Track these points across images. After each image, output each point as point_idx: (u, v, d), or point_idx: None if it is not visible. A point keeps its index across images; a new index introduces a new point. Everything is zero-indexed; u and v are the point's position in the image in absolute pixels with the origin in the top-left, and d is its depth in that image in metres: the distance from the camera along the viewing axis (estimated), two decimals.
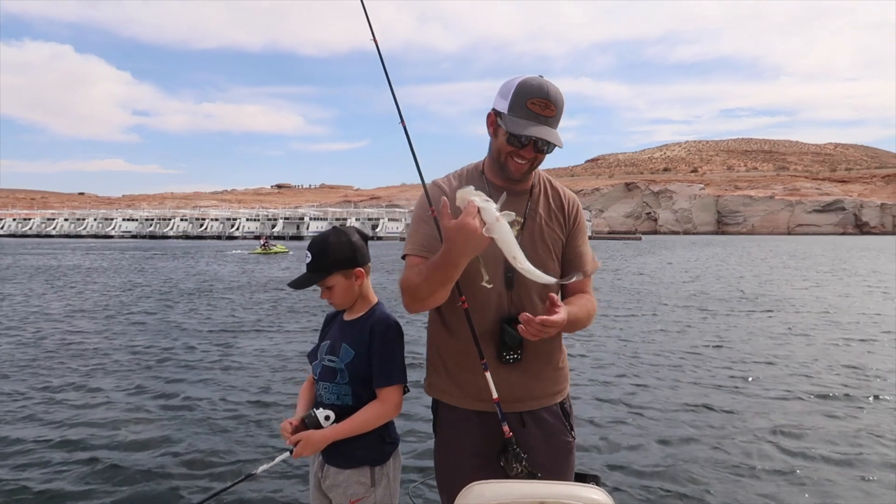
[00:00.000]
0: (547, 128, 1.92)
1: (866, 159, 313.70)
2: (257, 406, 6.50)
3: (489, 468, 1.94)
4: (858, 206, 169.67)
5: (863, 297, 17.40)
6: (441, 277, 1.81)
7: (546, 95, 1.90)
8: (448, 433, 2.13)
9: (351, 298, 2.32)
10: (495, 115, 2.00)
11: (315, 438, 2.18)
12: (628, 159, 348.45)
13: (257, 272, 27.33)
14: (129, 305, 15.16)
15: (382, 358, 2.23)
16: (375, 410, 2.21)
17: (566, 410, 2.16)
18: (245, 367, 8.27)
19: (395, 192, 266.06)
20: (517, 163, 1.98)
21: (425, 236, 2.02)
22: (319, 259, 2.27)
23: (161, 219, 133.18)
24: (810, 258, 40.10)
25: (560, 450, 2.11)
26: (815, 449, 5.17)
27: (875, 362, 8.58)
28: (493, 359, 2.00)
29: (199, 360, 8.76)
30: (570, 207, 2.16)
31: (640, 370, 8.19)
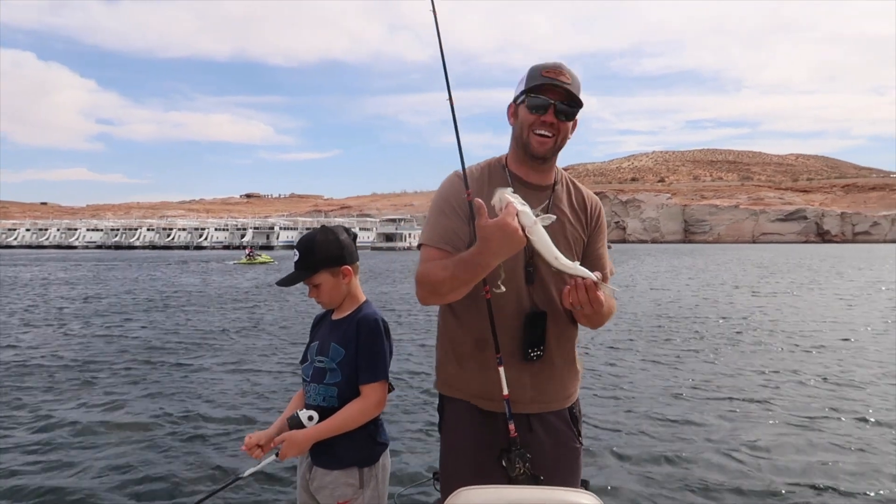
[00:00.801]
0: (563, 86, 1.90)
1: (826, 170, 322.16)
2: (243, 413, 6.45)
3: (492, 470, 1.91)
4: (820, 215, 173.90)
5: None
6: (468, 276, 1.76)
7: (559, 66, 1.92)
8: (452, 432, 2.07)
9: (338, 297, 2.31)
10: (514, 104, 2.01)
11: (298, 438, 2.15)
12: (597, 169, 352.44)
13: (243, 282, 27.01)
14: (91, 318, 14.88)
15: (367, 354, 2.21)
16: (359, 407, 2.19)
17: (575, 416, 2.10)
18: (222, 377, 8.19)
19: (365, 201, 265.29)
20: (540, 136, 1.93)
21: (446, 229, 1.95)
22: (307, 257, 2.26)
23: (127, 229, 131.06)
24: (790, 268, 40.84)
25: (567, 456, 2.05)
26: (810, 460, 5.11)
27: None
28: (510, 356, 1.94)
29: (172, 370, 8.64)
30: (593, 208, 2.12)
31: (630, 377, 8.25)
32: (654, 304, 17.74)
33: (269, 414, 6.27)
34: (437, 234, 1.96)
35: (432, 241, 1.96)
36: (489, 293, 1.91)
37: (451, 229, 1.95)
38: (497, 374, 1.92)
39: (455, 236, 1.94)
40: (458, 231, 1.95)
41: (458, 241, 1.92)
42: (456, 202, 1.98)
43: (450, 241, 1.93)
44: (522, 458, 1.88)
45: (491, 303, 1.92)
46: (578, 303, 1.76)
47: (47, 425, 5.93)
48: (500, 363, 1.92)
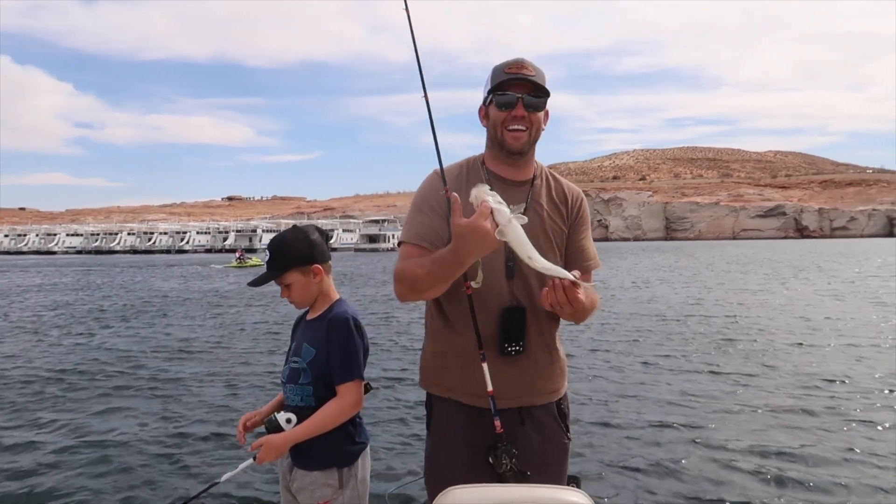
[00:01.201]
0: (528, 79, 1.94)
1: (804, 166, 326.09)
2: (219, 417, 6.48)
3: (480, 467, 1.91)
4: (798, 211, 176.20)
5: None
6: (444, 274, 1.78)
7: (521, 61, 1.96)
8: (440, 430, 2.07)
9: (309, 296, 2.30)
10: (483, 105, 2.05)
11: (276, 442, 2.15)
12: (579, 168, 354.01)
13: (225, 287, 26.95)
14: (71, 325, 14.84)
15: (340, 354, 2.20)
16: (336, 407, 2.17)
17: (563, 411, 2.10)
18: (198, 382, 8.23)
19: (348, 202, 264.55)
20: (514, 132, 1.96)
21: (424, 226, 1.98)
22: (277, 256, 2.26)
23: (107, 233, 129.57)
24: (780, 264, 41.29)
25: (555, 452, 2.05)
26: (800, 458, 5.15)
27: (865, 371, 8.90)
28: (492, 351, 1.95)
29: (144, 376, 8.61)
30: (574, 200, 2.12)
31: (623, 372, 8.39)
32: (637, 302, 18.03)
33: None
34: (416, 232, 1.98)
35: (411, 238, 1.98)
36: (469, 289, 1.93)
37: (429, 227, 1.97)
38: (481, 370, 1.92)
39: (434, 233, 1.95)
40: (437, 228, 1.96)
41: (436, 238, 1.94)
42: (434, 200, 2.00)
43: (428, 239, 1.94)
44: (509, 453, 1.87)
45: (472, 298, 1.93)
46: (557, 303, 1.75)
47: (19, 439, 5.75)
48: (484, 359, 1.92)
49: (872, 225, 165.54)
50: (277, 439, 2.15)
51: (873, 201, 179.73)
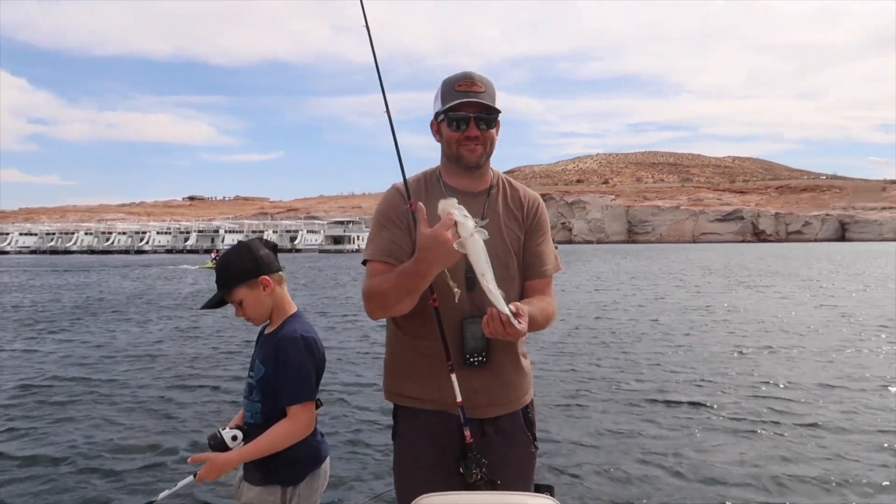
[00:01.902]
0: (478, 99, 1.94)
1: (761, 171, 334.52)
2: (160, 429, 6.24)
3: (448, 477, 1.90)
4: (756, 215, 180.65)
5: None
6: (409, 286, 1.79)
7: (470, 77, 1.97)
8: (407, 440, 2.05)
9: (263, 310, 2.24)
10: (436, 120, 2.05)
11: (219, 461, 2.07)
12: (543, 171, 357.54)
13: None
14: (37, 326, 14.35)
15: (288, 375, 2.13)
16: (285, 429, 2.11)
17: (529, 420, 2.10)
18: (141, 391, 7.97)
19: (312, 203, 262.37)
20: (469, 148, 1.98)
21: (387, 242, 1.98)
22: (222, 274, 2.21)
23: (63, 233, 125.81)
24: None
25: (521, 460, 2.05)
26: (771, 460, 5.19)
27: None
28: (457, 362, 1.95)
29: (82, 388, 8.20)
30: (530, 205, 2.12)
31: (593, 380, 8.35)
32: (601, 307, 18.21)
33: (197, 435, 5.94)
34: (379, 248, 1.97)
35: (375, 255, 1.97)
36: (436, 301, 1.92)
37: (391, 242, 1.97)
38: (450, 381, 1.92)
39: (397, 248, 1.96)
40: (399, 242, 1.97)
41: (399, 252, 1.94)
42: (394, 214, 2.01)
43: (392, 254, 1.95)
44: (478, 463, 1.87)
45: (439, 311, 1.93)
46: (494, 334, 1.75)
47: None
48: (452, 370, 1.92)
49: (825, 229, 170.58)
50: (221, 458, 2.08)
51: (826, 207, 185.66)
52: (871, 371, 8.49)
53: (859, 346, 10.53)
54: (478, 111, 1.95)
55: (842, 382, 7.86)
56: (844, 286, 23.27)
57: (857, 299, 18.38)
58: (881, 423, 6.10)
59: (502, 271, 1.94)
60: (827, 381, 7.91)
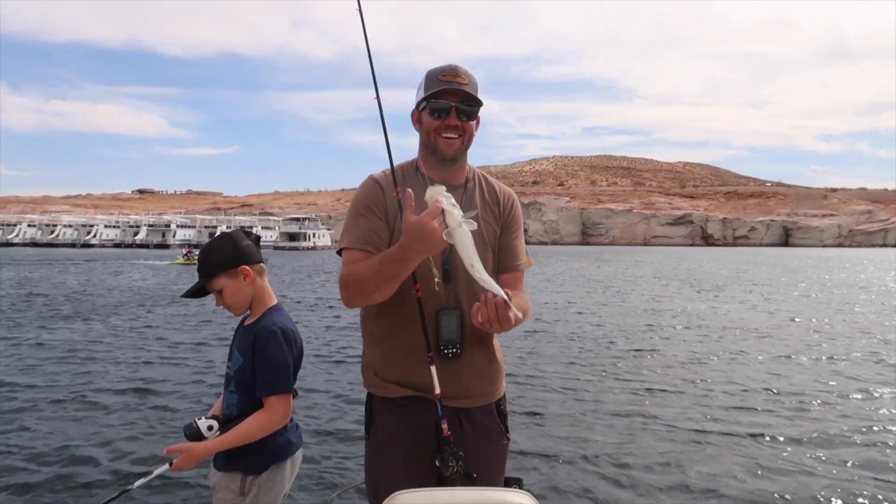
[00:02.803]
0: (461, 88, 1.97)
1: (710, 177, 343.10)
2: (135, 416, 6.33)
3: (423, 471, 1.91)
4: (705, 220, 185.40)
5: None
6: (392, 272, 1.78)
7: (454, 68, 1.98)
8: (381, 433, 2.05)
9: (243, 300, 2.27)
10: (417, 110, 2.05)
11: (196, 451, 2.10)
12: (500, 172, 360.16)
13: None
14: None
15: (264, 366, 2.16)
16: (261, 420, 2.14)
17: (502, 412, 2.13)
18: (115, 381, 8.03)
19: (267, 199, 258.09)
20: (447, 139, 1.99)
21: (365, 230, 1.98)
22: (203, 263, 2.24)
23: (4, 224, 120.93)
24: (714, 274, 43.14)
25: (494, 452, 2.07)
26: (748, 457, 5.35)
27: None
28: (433, 353, 1.96)
29: (64, 375, 8.34)
30: (506, 200, 2.18)
31: (563, 373, 8.68)
32: (563, 305, 18.66)
33: (179, 423, 6.03)
34: (357, 236, 1.97)
35: (352, 243, 1.97)
36: (419, 291, 1.93)
37: (370, 230, 1.98)
38: (429, 371, 1.92)
39: (375, 236, 1.97)
40: (378, 231, 1.97)
41: (378, 241, 1.95)
42: (373, 203, 2.01)
43: (371, 242, 1.95)
44: (455, 456, 1.88)
45: (421, 301, 1.93)
46: (487, 321, 1.73)
47: None
48: (432, 361, 1.93)
49: (770, 234, 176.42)
50: (198, 448, 2.10)
51: (772, 213, 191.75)
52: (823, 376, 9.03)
53: (821, 352, 11.11)
54: (460, 100, 1.95)
55: (800, 388, 8.14)
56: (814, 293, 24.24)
57: (812, 304, 19.29)
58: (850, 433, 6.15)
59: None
60: (800, 388, 8.11)
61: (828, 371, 9.04)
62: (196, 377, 8.29)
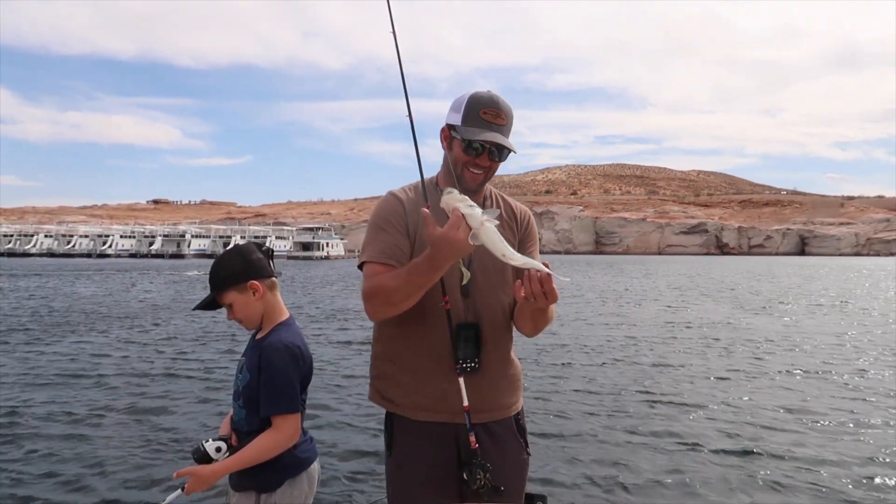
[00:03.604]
0: (500, 135, 1.98)
1: (725, 185, 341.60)
2: (153, 437, 6.10)
3: (445, 488, 1.94)
4: (719, 228, 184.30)
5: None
6: (422, 281, 1.81)
7: (497, 105, 1.99)
8: (403, 451, 2.04)
9: (254, 315, 2.23)
10: (449, 130, 2.06)
11: (204, 474, 2.07)
12: (512, 181, 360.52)
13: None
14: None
15: (269, 384, 2.12)
16: (268, 440, 2.11)
17: (521, 425, 2.13)
18: (130, 399, 7.80)
19: (280, 209, 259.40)
20: (473, 173, 2.03)
21: (387, 244, 2.00)
22: (214, 277, 2.21)
23: (22, 235, 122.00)
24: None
25: (514, 467, 2.07)
26: (773, 472, 5.20)
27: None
28: (448, 367, 1.98)
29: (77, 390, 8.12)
30: (522, 217, 2.21)
31: (586, 387, 8.36)
32: (587, 316, 18.27)
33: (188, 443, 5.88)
34: (379, 250, 2.00)
35: (375, 257, 1.99)
36: (448, 303, 1.96)
37: (392, 244, 2.00)
38: (456, 385, 1.94)
39: (398, 250, 1.99)
40: (400, 245, 2.00)
41: (400, 254, 1.98)
42: (394, 218, 2.04)
43: (392, 256, 1.98)
44: (484, 468, 1.88)
45: (450, 314, 1.95)
46: (531, 294, 1.73)
47: None
48: (460, 374, 1.95)
49: (786, 243, 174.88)
50: (206, 471, 2.07)
51: (787, 221, 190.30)
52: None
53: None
54: (495, 144, 1.98)
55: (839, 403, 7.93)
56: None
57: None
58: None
59: (498, 277, 2.03)
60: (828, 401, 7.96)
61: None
62: (206, 393, 8.06)
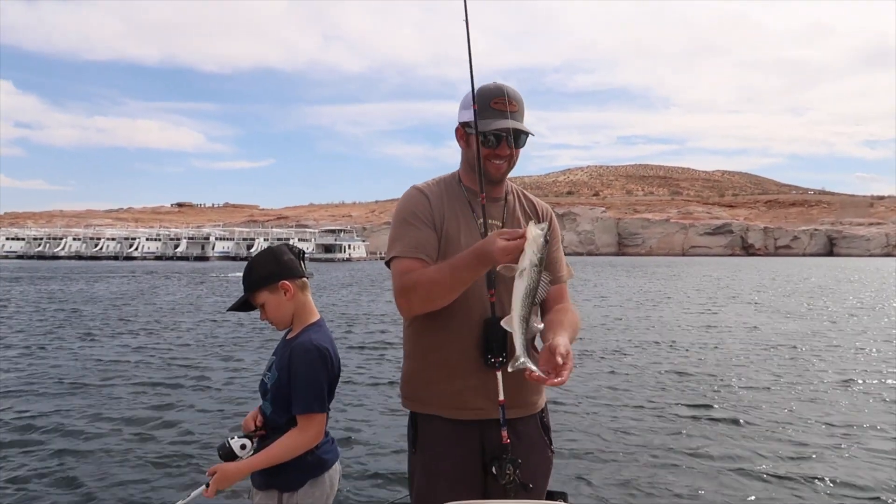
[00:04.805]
0: (514, 120, 2.01)
1: (750, 186, 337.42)
2: (174, 439, 6.07)
3: (470, 485, 1.94)
4: (745, 229, 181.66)
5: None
6: (466, 276, 1.81)
7: (503, 92, 2.02)
8: (428, 447, 2.04)
9: (284, 316, 2.25)
10: (463, 128, 2.10)
11: (230, 472, 2.10)
12: (534, 182, 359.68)
13: None
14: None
15: (298, 384, 2.14)
16: (293, 439, 2.13)
17: (545, 423, 2.13)
18: (149, 399, 7.77)
19: (302, 211, 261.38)
20: (495, 164, 2.05)
21: (417, 239, 2.00)
22: (247, 278, 2.25)
23: (51, 238, 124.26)
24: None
25: (540, 465, 2.06)
26: (790, 477, 5.13)
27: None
28: (475, 363, 1.97)
29: (101, 387, 8.18)
30: (544, 213, 2.22)
31: (608, 387, 8.31)
32: (608, 318, 18.08)
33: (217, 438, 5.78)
34: (410, 245, 1.99)
35: (405, 252, 1.99)
36: (493, 296, 1.96)
37: (422, 239, 2.00)
38: (485, 380, 1.95)
39: (427, 244, 1.99)
40: (429, 239, 2.00)
41: (430, 248, 1.98)
42: (420, 212, 2.05)
43: (423, 250, 1.98)
44: (514, 464, 1.88)
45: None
46: (553, 374, 1.73)
47: None
48: (498, 367, 1.93)
49: (814, 244, 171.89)
50: (231, 468, 2.11)
51: (815, 221, 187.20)
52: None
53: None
54: (511, 130, 2.00)
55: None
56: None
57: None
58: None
59: None
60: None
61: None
62: (232, 392, 8.10)
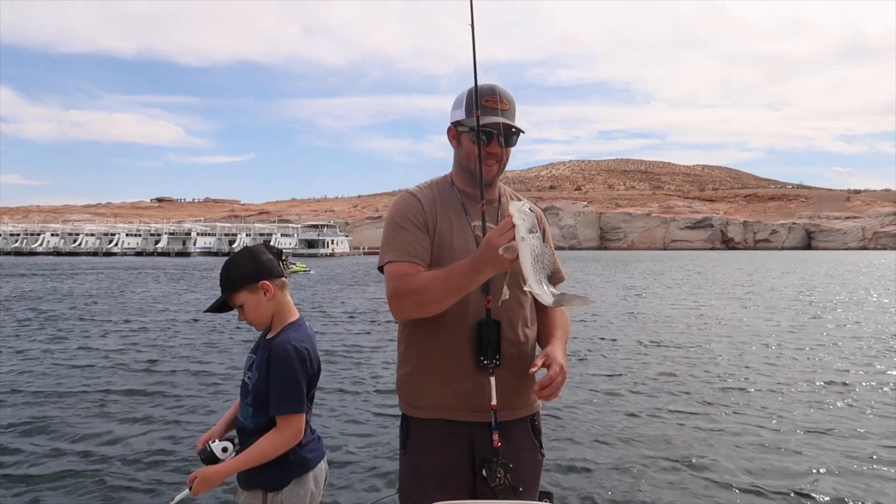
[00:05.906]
0: (505, 119, 2.01)
1: (729, 180, 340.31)
2: (154, 445, 5.94)
3: (459, 487, 1.94)
4: (724, 223, 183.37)
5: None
6: (462, 283, 1.81)
7: (494, 92, 2.02)
8: (418, 449, 2.05)
9: (264, 316, 2.25)
10: (455, 127, 2.10)
11: (211, 474, 2.11)
12: (516, 177, 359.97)
13: None
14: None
15: (276, 384, 2.14)
16: (273, 440, 2.13)
17: (536, 427, 2.13)
18: (140, 397, 7.73)
19: (284, 207, 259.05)
20: (486, 165, 2.04)
21: (411, 243, 2.00)
22: (224, 278, 2.23)
23: (28, 234, 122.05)
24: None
25: (529, 468, 2.07)
26: (778, 479, 5.12)
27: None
28: (468, 365, 1.98)
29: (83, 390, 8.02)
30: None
31: (599, 388, 8.30)
32: (599, 315, 18.15)
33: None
34: (403, 249, 1.99)
35: (400, 256, 1.99)
36: (490, 302, 1.96)
37: (415, 243, 2.00)
38: (480, 383, 1.95)
39: (421, 248, 2.00)
40: (422, 242, 2.01)
41: (424, 252, 1.99)
42: (413, 216, 2.05)
43: (417, 254, 1.98)
44: (505, 468, 1.89)
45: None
46: (554, 386, 1.84)
47: None
48: (492, 372, 1.94)
49: (792, 238, 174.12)
50: (212, 471, 2.12)
51: (793, 215, 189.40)
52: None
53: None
54: (503, 126, 1.99)
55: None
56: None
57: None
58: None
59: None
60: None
61: None
62: (213, 394, 7.98)
